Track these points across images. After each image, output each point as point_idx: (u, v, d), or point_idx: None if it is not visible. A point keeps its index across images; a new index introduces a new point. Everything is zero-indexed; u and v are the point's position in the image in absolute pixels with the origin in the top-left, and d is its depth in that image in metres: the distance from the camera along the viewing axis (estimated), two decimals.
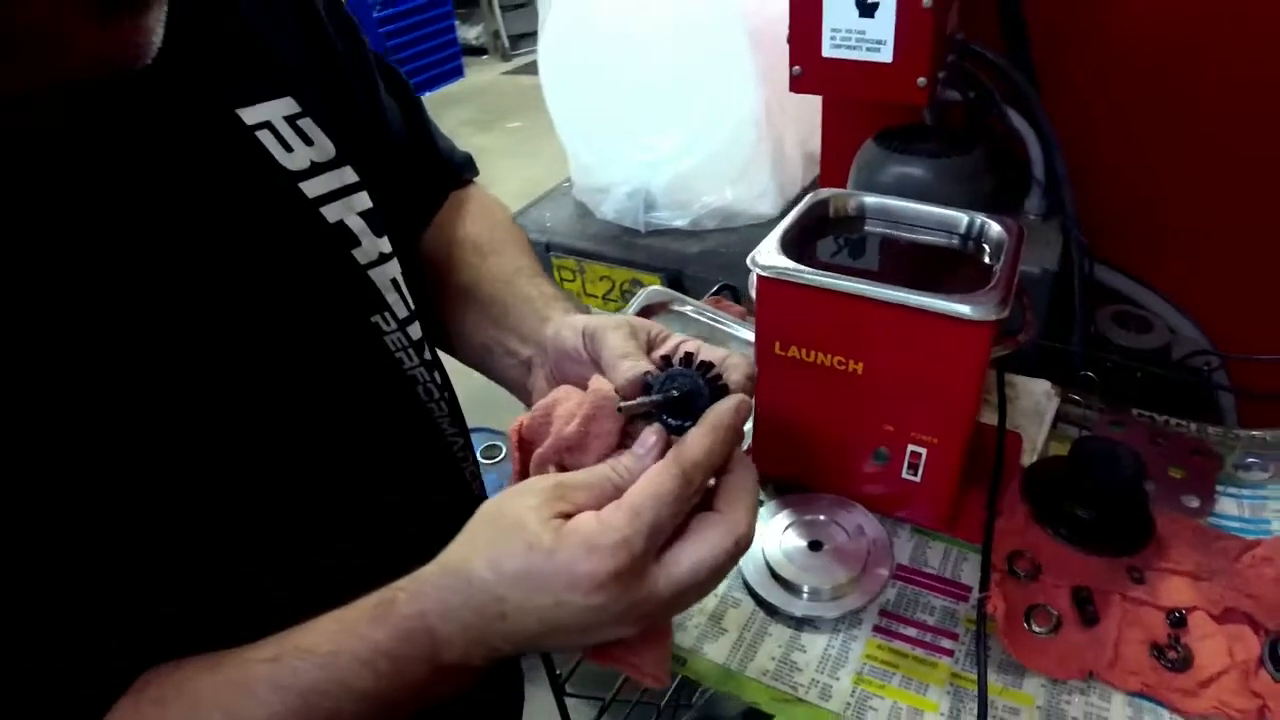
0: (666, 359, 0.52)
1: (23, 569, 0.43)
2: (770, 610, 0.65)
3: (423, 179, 0.76)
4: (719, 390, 0.49)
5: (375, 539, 0.60)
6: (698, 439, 0.47)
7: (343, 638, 0.46)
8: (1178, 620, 0.61)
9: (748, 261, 0.65)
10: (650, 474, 0.46)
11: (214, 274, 0.51)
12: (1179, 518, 0.70)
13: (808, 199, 0.74)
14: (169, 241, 0.49)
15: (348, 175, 0.61)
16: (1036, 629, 0.61)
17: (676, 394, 0.49)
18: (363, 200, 0.62)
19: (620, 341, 0.55)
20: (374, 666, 0.45)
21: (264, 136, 0.55)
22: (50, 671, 0.45)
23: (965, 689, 0.58)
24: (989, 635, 0.60)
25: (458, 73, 5.76)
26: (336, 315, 0.60)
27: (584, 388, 0.55)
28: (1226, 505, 0.72)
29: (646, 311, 0.90)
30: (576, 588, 0.43)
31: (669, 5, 1.43)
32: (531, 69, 6.33)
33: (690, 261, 1.51)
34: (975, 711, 0.56)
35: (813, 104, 1.51)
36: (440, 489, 0.71)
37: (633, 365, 0.52)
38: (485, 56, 6.40)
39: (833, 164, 1.26)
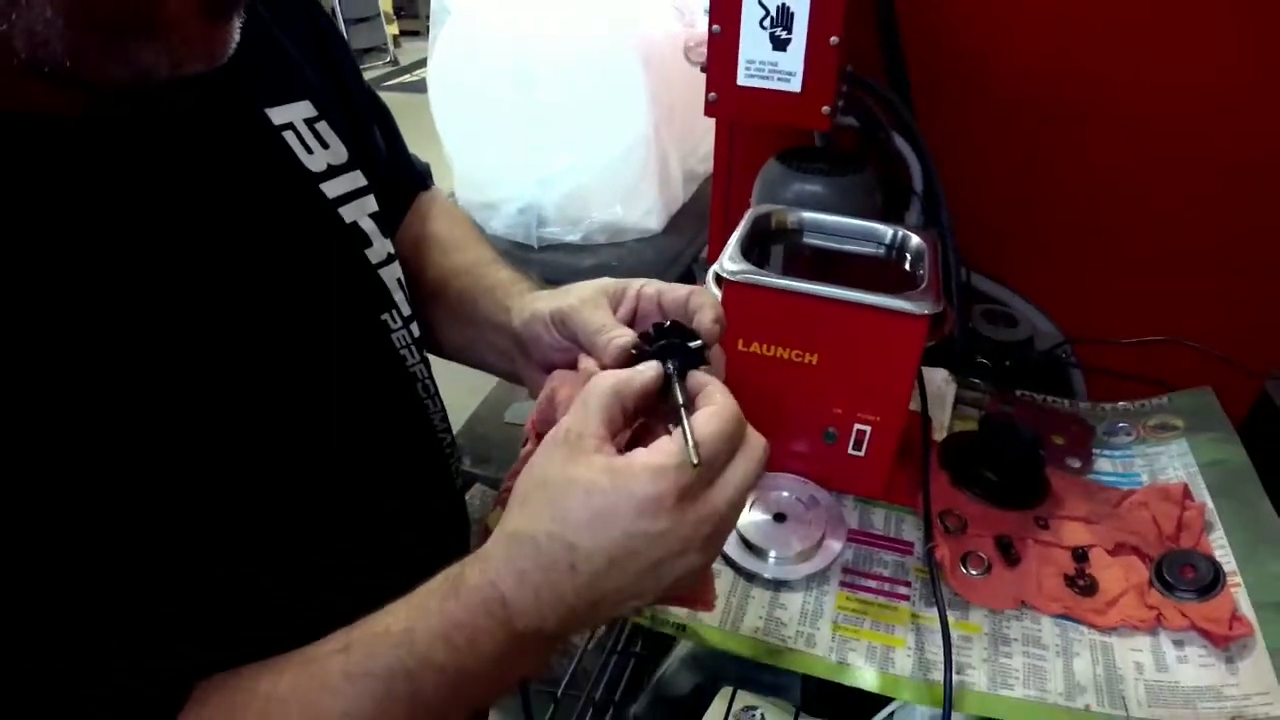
0: (645, 334, 0.54)
1: (40, 581, 0.41)
2: (748, 576, 0.73)
3: (397, 183, 0.78)
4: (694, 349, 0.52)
5: (372, 533, 0.62)
6: (727, 396, 0.49)
7: (415, 615, 0.46)
8: (1081, 556, 0.74)
9: (714, 268, 0.74)
10: (707, 411, 0.47)
11: (240, 265, 0.53)
12: (1067, 476, 0.83)
13: (750, 213, 0.83)
14: (199, 231, 0.50)
15: (359, 179, 0.64)
16: (972, 572, 0.72)
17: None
18: (371, 203, 0.65)
19: (591, 317, 0.57)
20: (449, 639, 0.45)
21: (289, 137, 0.58)
22: (101, 693, 0.43)
23: (924, 625, 0.69)
24: (939, 580, 0.71)
25: None
26: (351, 311, 0.62)
27: (573, 368, 0.58)
28: (1102, 464, 0.86)
29: None
30: (644, 513, 0.44)
31: (562, 27, 1.49)
32: (376, 84, 6.18)
33: (584, 275, 1.57)
34: (936, 642, 0.66)
35: (693, 124, 1.62)
36: (431, 485, 0.73)
37: (611, 338, 0.55)
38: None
39: (725, 179, 1.36)
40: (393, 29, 6.76)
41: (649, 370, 0.50)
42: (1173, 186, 1.01)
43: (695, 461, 0.44)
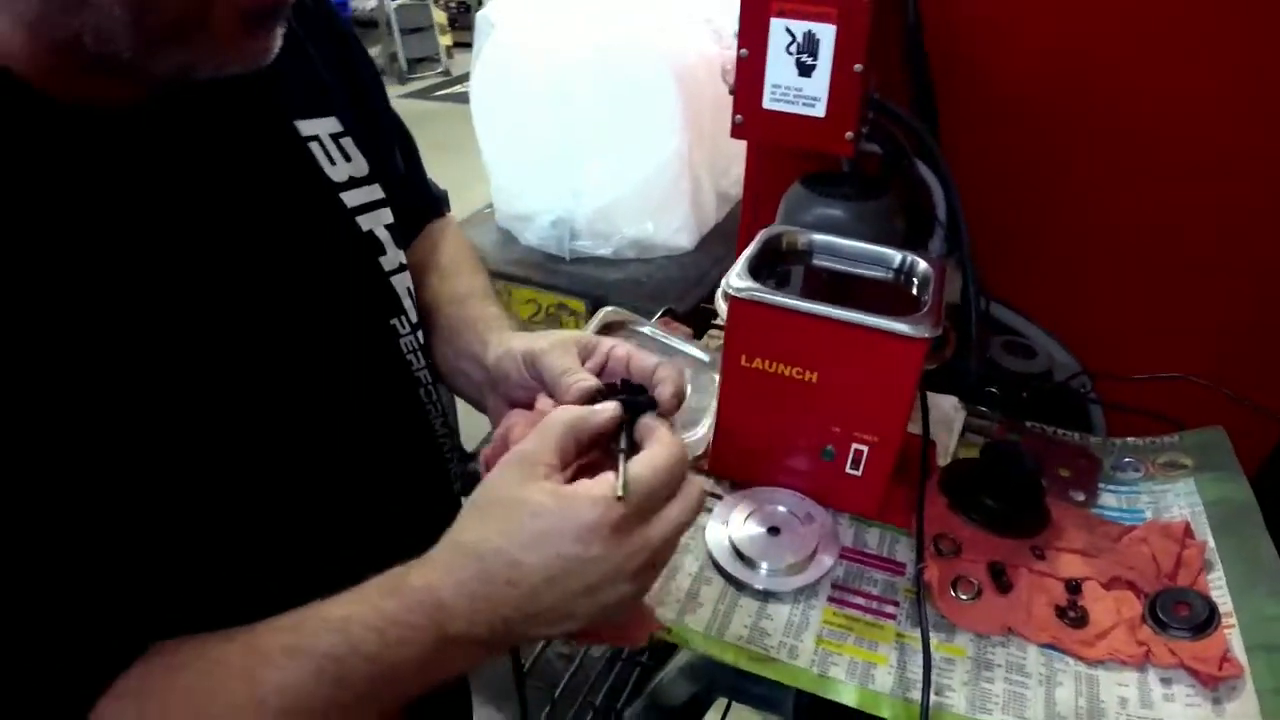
0: (611, 386, 0.60)
1: (31, 541, 0.44)
2: (738, 585, 0.74)
3: (412, 206, 0.82)
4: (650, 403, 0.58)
5: (366, 526, 0.64)
6: (673, 442, 0.54)
7: (355, 606, 0.49)
8: (1074, 587, 0.74)
9: (722, 284, 0.75)
10: (651, 451, 0.52)
11: (262, 258, 0.57)
12: (1070, 508, 0.83)
13: (762, 234, 0.85)
14: (227, 223, 0.55)
15: (376, 192, 0.68)
16: (962, 596, 0.73)
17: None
18: (387, 215, 0.69)
19: (559, 360, 0.62)
20: (382, 633, 0.48)
21: (315, 148, 0.63)
22: (57, 640, 0.46)
23: (908, 644, 0.69)
24: (926, 601, 0.71)
25: None
26: (363, 313, 0.67)
27: (531, 408, 0.63)
28: (1107, 499, 0.86)
29: (605, 330, 0.98)
30: (581, 538, 0.48)
31: (600, 46, 1.53)
32: (427, 93, 6.36)
33: (612, 288, 1.61)
34: (919, 662, 0.67)
35: (726, 146, 1.64)
36: (427, 485, 0.76)
37: (574, 380, 0.60)
38: (382, 78, 6.38)
39: (754, 202, 1.38)
40: (446, 40, 6.85)
41: (606, 410, 0.55)
42: (1204, 224, 1.00)
43: (619, 495, 0.48)
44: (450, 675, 0.51)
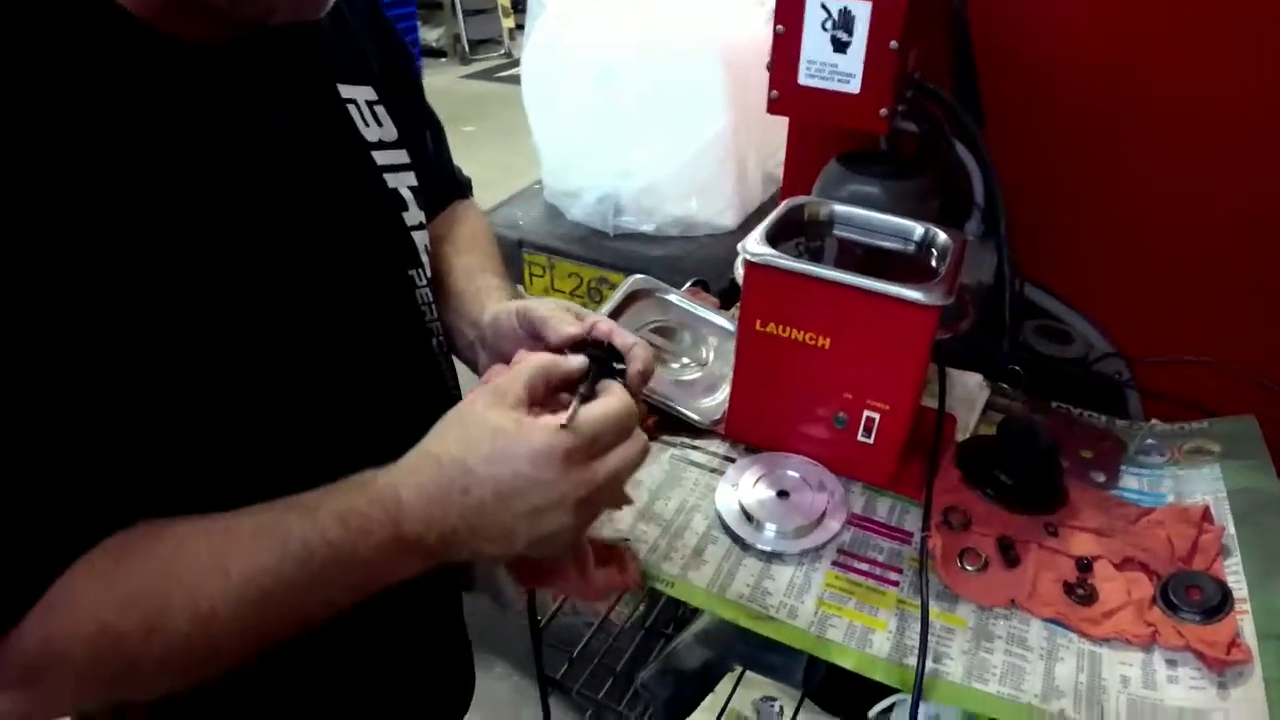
0: (585, 343, 0.64)
1: (25, 407, 0.48)
2: (743, 546, 0.75)
3: (436, 185, 0.86)
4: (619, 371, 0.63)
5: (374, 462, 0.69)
6: (626, 397, 0.58)
7: (325, 497, 0.54)
8: (1085, 565, 0.73)
9: (739, 248, 0.76)
10: (604, 399, 0.57)
11: (301, 196, 0.63)
12: (1088, 490, 0.82)
13: (785, 204, 0.85)
14: (276, 158, 0.61)
15: (403, 156, 0.74)
16: (968, 567, 0.73)
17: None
18: (410, 178, 0.74)
19: (549, 311, 0.67)
20: (344, 521, 0.53)
21: (353, 109, 0.69)
22: (40, 500, 0.50)
23: (909, 612, 0.70)
24: (929, 570, 0.71)
25: None
26: (386, 261, 0.72)
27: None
28: (1129, 481, 0.85)
29: (633, 297, 0.99)
30: (534, 460, 0.53)
31: (648, 26, 1.54)
32: (488, 74, 6.41)
33: (654, 265, 1.62)
34: (918, 630, 0.67)
35: (774, 127, 1.63)
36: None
37: (560, 324, 0.65)
38: (444, 60, 6.45)
39: (794, 179, 1.37)
40: (509, 22, 6.86)
41: (575, 360, 0.60)
42: (1243, 205, 0.97)
43: (563, 424, 0.53)
44: (396, 578, 0.55)
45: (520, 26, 6.83)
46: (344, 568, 0.53)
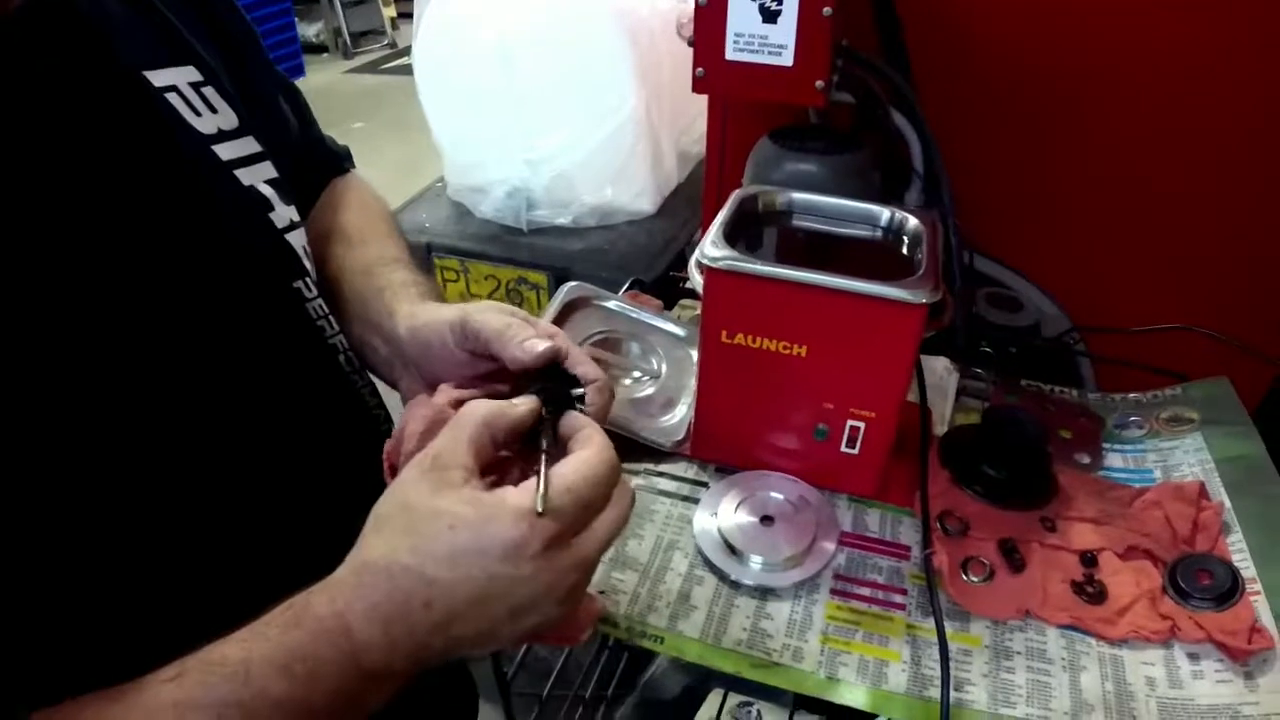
0: (538, 370, 0.55)
1: None
2: (732, 584, 0.68)
3: (307, 165, 0.75)
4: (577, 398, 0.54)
5: (299, 512, 0.58)
6: (603, 441, 0.48)
7: (255, 644, 0.43)
8: (1089, 560, 0.69)
9: (695, 255, 0.69)
10: (581, 455, 0.47)
11: (132, 233, 0.50)
12: (1076, 473, 0.78)
13: (735, 195, 0.78)
14: (80, 199, 0.48)
15: (252, 145, 0.61)
16: (973, 579, 0.68)
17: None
18: (268, 169, 0.62)
19: (496, 318, 0.56)
20: (289, 671, 0.42)
21: (174, 99, 0.56)
22: None
23: (921, 637, 0.64)
24: (938, 589, 0.66)
25: (298, 71, 5.47)
26: (260, 278, 0.60)
27: (466, 386, 0.57)
28: (1113, 460, 0.81)
29: (569, 308, 0.91)
30: (509, 557, 0.43)
31: (547, 3, 1.45)
32: (373, 67, 6.17)
33: (575, 259, 1.54)
34: (934, 656, 0.62)
35: (687, 103, 1.57)
36: (364, 460, 0.69)
37: (524, 337, 0.54)
38: (326, 55, 6.19)
39: (717, 159, 1.31)
40: (389, 11, 6.62)
41: (524, 404, 0.50)
42: (1181, 167, 0.96)
43: (539, 510, 0.43)
44: (369, 710, 0.45)
45: (403, 15, 6.61)
46: None
